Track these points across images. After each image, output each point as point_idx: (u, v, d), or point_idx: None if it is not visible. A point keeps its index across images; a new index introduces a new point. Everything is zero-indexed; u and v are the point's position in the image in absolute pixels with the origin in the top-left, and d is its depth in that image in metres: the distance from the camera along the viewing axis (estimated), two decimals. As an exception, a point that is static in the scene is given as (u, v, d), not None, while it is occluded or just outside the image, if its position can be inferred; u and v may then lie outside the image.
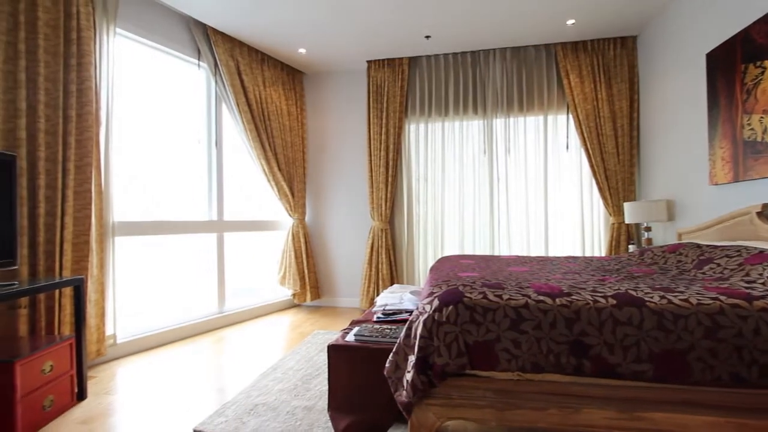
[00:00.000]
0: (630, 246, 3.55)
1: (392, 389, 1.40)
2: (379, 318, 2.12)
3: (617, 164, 3.69)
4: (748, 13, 2.34)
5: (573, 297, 1.32)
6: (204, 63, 3.58)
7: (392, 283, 4.20)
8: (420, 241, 4.23)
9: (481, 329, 1.29)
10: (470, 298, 1.34)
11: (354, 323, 2.12)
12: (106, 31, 2.71)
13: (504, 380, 1.30)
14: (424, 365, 1.31)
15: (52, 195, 2.37)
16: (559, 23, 3.45)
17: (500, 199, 4.02)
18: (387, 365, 1.44)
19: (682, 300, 1.26)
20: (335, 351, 1.79)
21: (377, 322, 2.08)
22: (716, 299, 1.24)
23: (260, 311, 4.08)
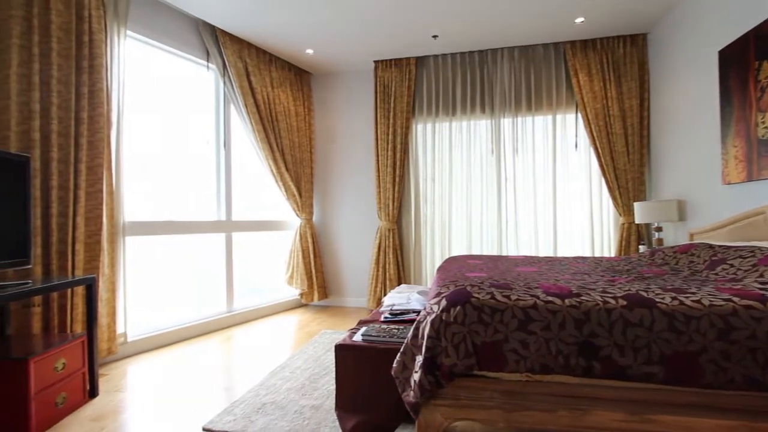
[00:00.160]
0: (640, 246, 3.51)
1: (400, 389, 1.40)
2: (387, 318, 2.12)
3: (627, 163, 3.65)
4: (762, 9, 2.30)
5: (582, 298, 1.31)
6: (213, 64, 3.62)
7: (399, 283, 4.20)
8: (427, 241, 4.23)
9: (489, 330, 1.29)
10: (478, 299, 1.34)
11: (361, 323, 2.12)
12: (117, 34, 2.74)
13: (512, 381, 1.30)
14: (432, 365, 1.30)
15: (65, 195, 2.41)
16: (568, 21, 3.42)
17: (508, 199, 4.00)
18: (394, 365, 1.44)
19: (694, 301, 1.24)
20: (343, 351, 1.79)
21: (385, 322, 2.08)
22: (729, 300, 1.22)
23: (268, 311, 4.11)
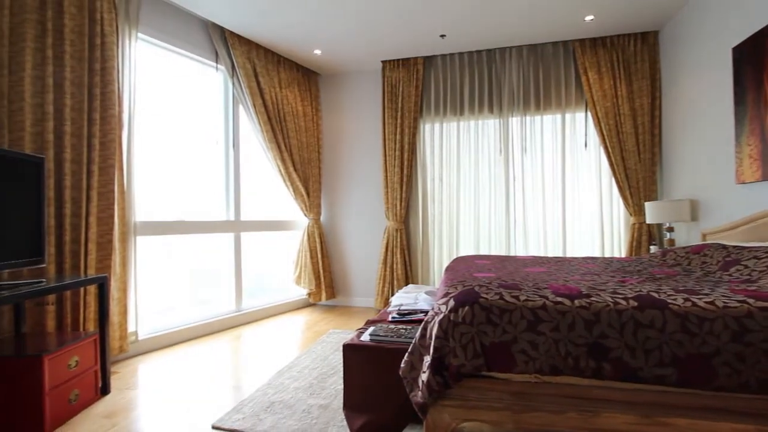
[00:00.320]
0: (651, 247, 3.46)
1: (407, 389, 1.40)
2: (395, 318, 2.12)
3: (638, 163, 3.60)
4: (778, 5, 2.26)
5: (592, 298, 1.29)
6: (222, 65, 3.65)
7: (407, 284, 4.19)
8: (435, 242, 4.21)
9: (498, 330, 1.28)
10: (486, 299, 1.33)
11: (369, 323, 2.12)
12: (128, 36, 2.78)
13: (521, 382, 1.29)
14: (440, 366, 1.30)
15: (78, 196, 2.45)
16: (578, 19, 3.39)
17: (516, 199, 3.97)
18: (402, 365, 1.44)
19: (708, 303, 1.22)
20: (350, 350, 1.80)
21: (392, 322, 2.08)
22: (744, 302, 1.20)
23: (276, 310, 4.13)
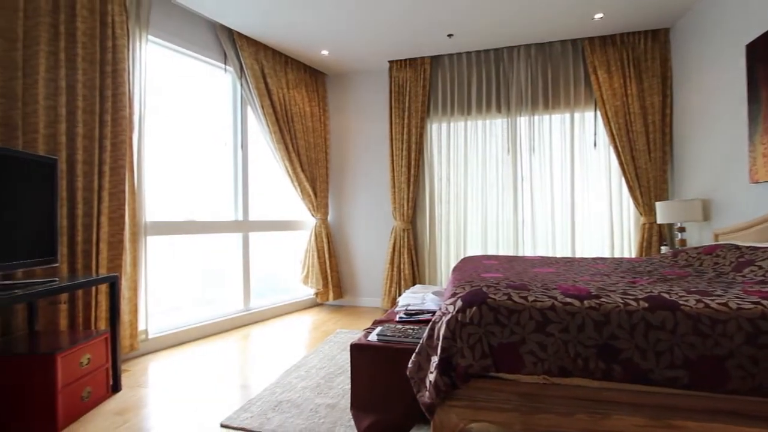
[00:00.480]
0: (662, 247, 3.41)
1: (415, 390, 1.40)
2: (402, 318, 2.11)
3: (648, 162, 3.55)
4: (793, 1, 2.21)
5: (602, 299, 1.28)
6: (230, 67, 3.68)
7: (414, 284, 4.19)
8: (442, 242, 4.20)
9: (506, 331, 1.27)
10: (494, 299, 1.32)
11: (376, 323, 2.12)
12: (139, 39, 2.82)
13: (529, 383, 1.28)
14: (447, 366, 1.30)
15: (89, 196, 2.48)
16: (587, 17, 3.35)
17: (524, 199, 3.94)
18: (409, 365, 1.44)
19: (721, 304, 1.20)
20: (358, 350, 1.80)
21: (400, 322, 2.08)
22: (758, 303, 1.18)
23: (284, 309, 4.16)
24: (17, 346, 1.91)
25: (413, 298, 2.49)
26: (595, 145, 3.80)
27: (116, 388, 2.25)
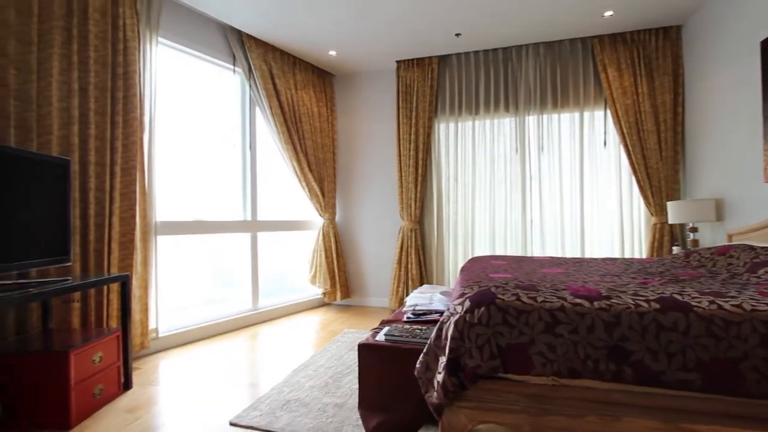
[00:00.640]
0: (674, 247, 3.36)
1: (423, 390, 1.40)
2: (409, 318, 2.11)
3: (660, 161, 3.50)
4: (810, -4, 2.16)
5: (613, 300, 1.27)
6: (239, 68, 3.71)
7: (421, 284, 4.18)
8: (450, 242, 4.19)
9: (515, 332, 1.26)
10: (503, 300, 1.32)
11: (384, 323, 2.12)
12: (149, 41, 2.85)
13: (538, 385, 1.27)
14: (455, 367, 1.29)
15: (101, 197, 2.52)
16: (596, 15, 3.32)
17: (533, 199, 3.91)
18: (417, 366, 1.44)
19: (735, 305, 1.18)
20: (366, 350, 1.80)
21: (407, 322, 2.07)
22: (773, 305, 1.16)
23: (292, 309, 4.18)
24: (32, 344, 1.94)
25: (421, 299, 2.48)
26: (605, 144, 3.76)
27: (127, 386, 2.29)
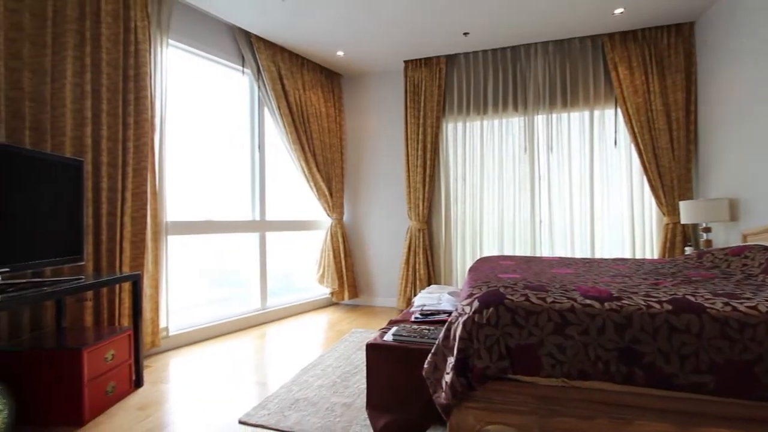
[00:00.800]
0: (686, 248, 3.31)
1: (431, 390, 1.40)
2: (417, 318, 2.11)
3: (672, 160, 3.45)
4: (828, -9, 2.11)
5: (624, 301, 1.25)
6: (248, 69, 3.73)
7: (429, 284, 4.17)
8: (458, 242, 4.17)
9: (524, 332, 1.26)
10: (512, 300, 1.31)
11: (392, 323, 2.12)
12: (160, 43, 2.89)
13: (548, 386, 1.26)
14: (464, 367, 1.29)
15: (113, 197, 2.56)
16: (606, 13, 3.28)
17: (542, 198, 3.88)
18: (425, 366, 1.44)
19: (749, 307, 1.16)
20: (373, 350, 1.80)
21: (415, 323, 2.07)
22: (790, 307, 1.13)
23: (300, 309, 4.20)
24: (46, 342, 1.98)
25: (429, 299, 2.48)
26: (616, 144, 3.71)
27: (139, 384, 2.32)
